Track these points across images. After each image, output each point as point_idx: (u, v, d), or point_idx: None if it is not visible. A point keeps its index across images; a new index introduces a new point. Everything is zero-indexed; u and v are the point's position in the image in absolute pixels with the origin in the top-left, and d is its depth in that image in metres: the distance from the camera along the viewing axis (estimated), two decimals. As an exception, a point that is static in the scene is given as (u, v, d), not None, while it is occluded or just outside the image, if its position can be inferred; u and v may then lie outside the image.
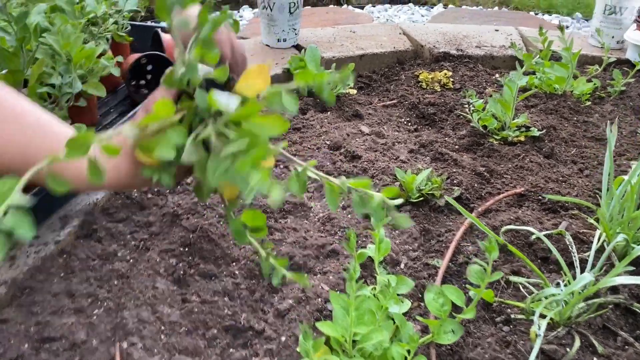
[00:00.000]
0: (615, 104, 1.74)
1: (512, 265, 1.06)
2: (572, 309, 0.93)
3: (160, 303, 0.94)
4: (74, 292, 0.95)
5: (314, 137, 1.42)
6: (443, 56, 1.93)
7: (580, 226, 1.16)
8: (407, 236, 1.13)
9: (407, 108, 1.67)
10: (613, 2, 1.97)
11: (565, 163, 1.43)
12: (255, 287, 0.99)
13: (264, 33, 1.88)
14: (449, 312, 0.89)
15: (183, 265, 1.02)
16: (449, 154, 1.41)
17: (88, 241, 1.07)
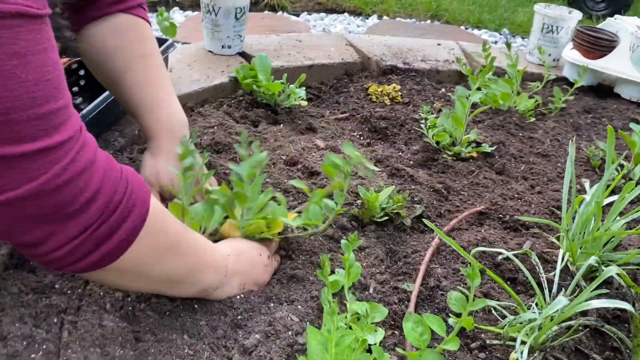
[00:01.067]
0: (557, 121, 1.79)
1: (481, 288, 1.04)
2: (546, 333, 0.91)
3: (111, 343, 0.83)
4: (5, 334, 0.82)
5: (269, 152, 1.35)
6: (390, 69, 1.91)
7: (543, 245, 1.16)
8: (374, 258, 1.08)
9: (359, 121, 1.63)
10: (550, 21, 2.04)
11: (517, 179, 1.44)
12: (216, 322, 0.90)
13: (207, 39, 1.78)
14: (428, 341, 0.85)
15: (131, 299, 0.92)
16: (405, 170, 1.38)
17: (19, 272, 0.93)
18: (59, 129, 0.62)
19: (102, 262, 0.70)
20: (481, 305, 0.83)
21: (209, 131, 1.40)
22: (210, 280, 0.88)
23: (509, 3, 4.17)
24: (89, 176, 0.65)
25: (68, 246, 0.66)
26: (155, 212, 0.75)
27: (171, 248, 0.80)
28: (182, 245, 0.82)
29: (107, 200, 0.67)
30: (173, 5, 3.37)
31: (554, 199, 1.34)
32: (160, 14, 1.72)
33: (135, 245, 0.72)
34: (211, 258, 0.89)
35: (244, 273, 0.95)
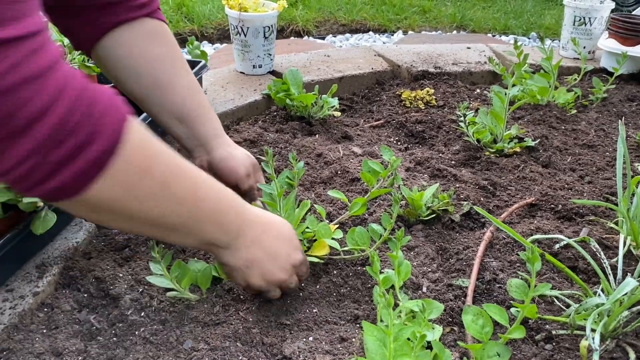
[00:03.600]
0: (600, 111, 1.73)
1: (540, 279, 0.99)
2: (617, 319, 0.86)
3: (164, 354, 0.82)
4: (60, 351, 0.82)
5: (310, 161, 1.34)
6: (422, 74, 1.90)
7: (601, 232, 1.10)
8: (424, 257, 1.05)
9: (395, 127, 1.61)
10: (582, 13, 2.00)
11: (565, 171, 1.39)
12: (268, 329, 0.88)
13: (238, 60, 1.80)
14: (490, 334, 0.80)
15: (181, 307, 0.91)
16: (447, 170, 1.35)
17: (71, 290, 0.94)
18: (14, 22, 0.52)
19: (63, 192, 0.60)
20: (544, 289, 0.78)
21: (246, 145, 1.41)
22: (214, 236, 0.80)
23: (535, 7, 4.12)
24: (37, 87, 0.54)
25: (23, 167, 0.56)
26: (136, 147, 0.63)
27: (156, 191, 0.69)
28: (173, 190, 0.71)
29: (59, 120, 0.56)
30: (202, 39, 3.45)
31: (607, 186, 1.29)
32: (191, 43, 1.76)
33: (104, 181, 0.61)
34: (221, 213, 0.80)
35: (256, 255, 0.85)
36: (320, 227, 1.02)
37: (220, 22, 3.39)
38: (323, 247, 1.02)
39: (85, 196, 0.61)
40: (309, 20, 3.52)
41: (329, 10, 3.67)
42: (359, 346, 0.85)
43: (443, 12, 3.86)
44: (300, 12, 3.54)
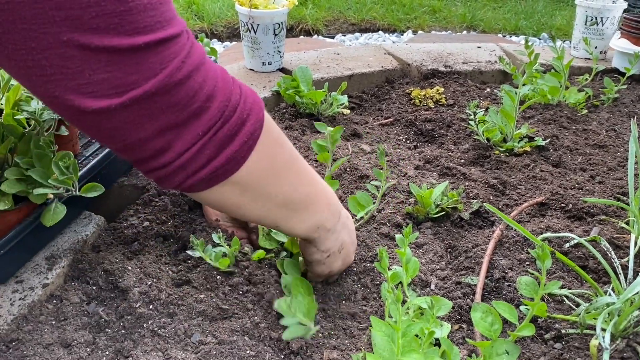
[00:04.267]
0: (611, 112, 1.72)
1: (550, 277, 0.98)
2: (627, 319, 0.85)
3: (172, 347, 0.82)
4: (69, 342, 0.82)
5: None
6: (432, 73, 1.89)
7: (611, 231, 1.09)
8: (433, 254, 1.04)
9: (404, 125, 1.61)
10: (594, 13, 1.98)
11: (575, 171, 1.38)
12: (276, 323, 0.88)
13: (248, 57, 1.80)
14: (499, 331, 0.80)
15: (189, 302, 0.91)
16: (456, 168, 1.34)
17: (80, 283, 0.94)
18: (171, 22, 0.58)
19: (226, 168, 0.65)
20: (554, 287, 0.77)
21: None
22: (324, 217, 0.82)
23: (546, 8, 4.10)
24: (204, 72, 0.61)
25: (190, 151, 0.62)
26: (269, 122, 0.70)
27: (288, 165, 0.75)
28: (297, 165, 0.77)
29: (225, 99, 0.63)
30: (211, 37, 3.46)
31: (617, 186, 1.28)
32: (201, 40, 1.76)
33: (255, 155, 0.67)
34: (328, 194, 0.84)
35: (345, 239, 0.89)
36: None
37: (230, 20, 3.40)
38: None
39: (240, 173, 0.67)
40: (318, 19, 3.51)
41: (339, 9, 3.67)
42: (366, 342, 0.85)
43: (453, 12, 3.85)
44: (309, 11, 3.54)
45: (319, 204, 0.81)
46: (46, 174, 0.90)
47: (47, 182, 0.90)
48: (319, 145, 1.04)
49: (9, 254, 0.88)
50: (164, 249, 1.02)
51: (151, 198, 1.13)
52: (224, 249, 0.97)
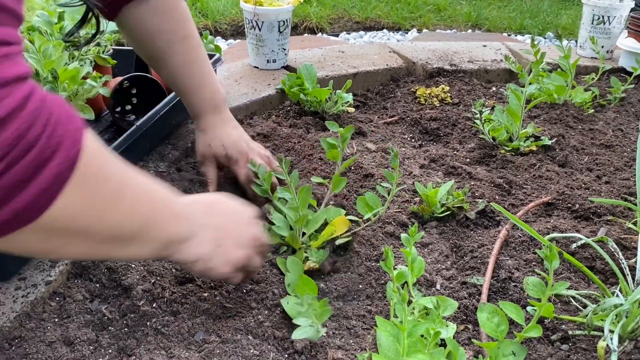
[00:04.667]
0: (617, 111, 1.70)
1: (557, 278, 0.97)
2: (635, 320, 0.84)
3: (175, 345, 0.81)
4: (72, 340, 0.81)
5: (324, 156, 1.33)
6: (437, 72, 1.88)
7: (619, 232, 1.08)
8: (438, 254, 1.04)
9: (409, 124, 1.60)
10: (601, 12, 1.97)
11: (581, 171, 1.37)
12: (280, 322, 0.87)
13: (252, 54, 1.79)
14: (506, 332, 0.79)
15: (194, 300, 0.90)
16: (462, 167, 1.33)
17: (83, 280, 0.94)
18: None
19: (18, 220, 0.52)
20: (562, 288, 0.77)
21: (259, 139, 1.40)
22: (173, 231, 0.72)
23: (551, 7, 4.08)
24: (4, 94, 0.48)
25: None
26: (91, 153, 0.56)
27: (115, 196, 0.62)
28: (129, 192, 0.65)
29: (17, 134, 0.48)
30: (216, 35, 3.45)
31: (625, 186, 1.27)
32: (205, 37, 1.75)
33: (65, 197, 0.54)
34: (171, 205, 0.73)
35: (219, 228, 0.80)
36: (331, 211, 1.05)
37: (234, 17, 3.39)
38: (343, 223, 1.03)
39: (41, 220, 0.53)
40: (322, 17, 3.50)
41: (343, 8, 3.66)
42: (371, 342, 0.85)
43: (458, 11, 3.83)
44: (314, 9, 3.53)
45: (161, 224, 0.71)
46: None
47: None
48: (329, 143, 1.03)
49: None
50: (168, 246, 1.01)
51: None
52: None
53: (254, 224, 0.86)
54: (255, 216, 0.87)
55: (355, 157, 1.12)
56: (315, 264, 0.98)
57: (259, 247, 0.87)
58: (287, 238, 1.02)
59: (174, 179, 1.19)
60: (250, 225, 0.85)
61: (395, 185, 1.02)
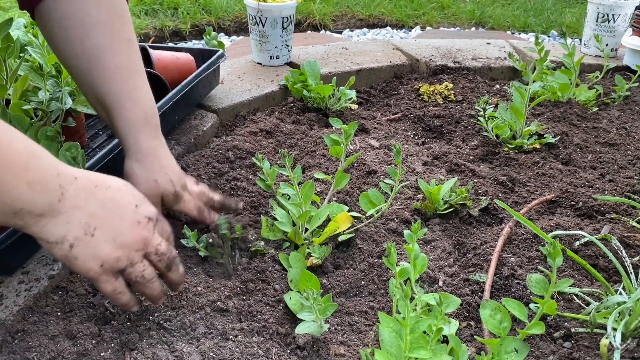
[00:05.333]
0: (622, 109, 1.70)
1: (559, 276, 0.97)
2: (638, 318, 0.84)
3: (178, 341, 0.81)
4: (75, 333, 0.81)
5: (327, 152, 1.33)
6: (441, 69, 1.87)
7: (622, 230, 1.08)
8: (441, 251, 1.04)
9: (412, 121, 1.60)
10: (606, 10, 1.96)
11: (585, 169, 1.37)
12: (282, 319, 0.87)
13: (255, 51, 1.79)
14: (508, 329, 0.79)
15: (198, 301, 0.90)
16: (465, 165, 1.33)
17: (86, 274, 0.94)
18: None
19: None
20: (565, 285, 0.76)
21: (262, 135, 1.40)
22: (23, 198, 0.61)
23: (555, 5, 4.07)
24: None
25: None
26: None
27: None
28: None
29: None
30: (219, 31, 3.45)
31: (628, 184, 1.26)
32: (208, 33, 1.75)
33: None
34: (29, 165, 0.62)
35: (95, 214, 0.68)
36: (333, 207, 1.06)
37: (237, 14, 3.39)
38: (346, 219, 1.03)
39: None
40: (326, 14, 3.50)
41: (347, 5, 3.65)
42: (374, 338, 0.85)
43: (462, 9, 3.82)
44: (317, 6, 3.53)
45: (8, 180, 0.59)
46: (53, 164, 0.89)
47: (54, 172, 0.89)
48: (332, 139, 1.03)
49: (15, 245, 0.87)
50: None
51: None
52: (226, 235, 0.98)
53: (145, 226, 0.73)
54: (152, 217, 0.75)
55: (358, 153, 1.12)
56: (318, 260, 0.98)
57: (152, 255, 0.75)
58: (290, 234, 1.02)
59: None
60: (138, 226, 0.73)
61: (398, 182, 1.02)
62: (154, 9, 3.29)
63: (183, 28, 3.16)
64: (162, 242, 0.77)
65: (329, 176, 1.14)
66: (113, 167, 1.07)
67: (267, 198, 1.15)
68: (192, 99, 1.42)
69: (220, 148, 1.30)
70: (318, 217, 1.03)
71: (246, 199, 1.15)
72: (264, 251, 1.00)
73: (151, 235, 0.75)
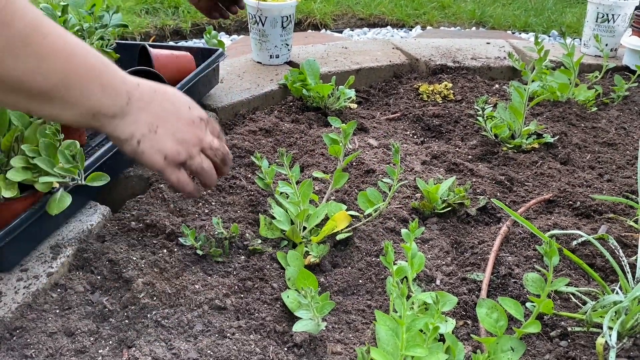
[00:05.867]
0: (621, 109, 1.70)
1: (557, 275, 0.97)
2: (634, 318, 0.84)
3: (175, 338, 0.81)
4: (73, 331, 0.82)
5: (326, 152, 1.33)
6: (440, 69, 1.87)
7: (620, 229, 1.08)
8: (439, 250, 1.04)
9: (412, 121, 1.60)
10: (605, 10, 1.96)
11: (583, 169, 1.37)
12: (280, 317, 0.88)
13: (255, 50, 1.79)
14: (505, 328, 0.79)
15: (198, 298, 0.90)
16: (463, 164, 1.33)
17: (84, 272, 0.94)
18: None
19: None
20: (561, 284, 0.77)
21: (261, 134, 1.40)
22: (99, 101, 0.69)
23: (556, 5, 4.07)
24: None
25: None
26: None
27: (19, 43, 0.59)
28: (39, 41, 0.61)
29: None
30: (219, 30, 3.45)
31: (626, 184, 1.26)
32: (208, 32, 1.75)
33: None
34: (99, 70, 0.69)
35: (157, 115, 0.77)
36: (331, 205, 1.06)
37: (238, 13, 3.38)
38: (344, 218, 1.03)
39: None
40: (326, 13, 3.50)
41: (347, 4, 3.65)
42: (370, 336, 0.85)
43: (462, 8, 3.82)
44: (318, 5, 3.53)
45: (83, 87, 0.67)
46: (52, 162, 0.90)
47: (53, 170, 0.90)
48: (331, 138, 1.04)
49: (14, 242, 0.88)
50: (169, 240, 1.02)
51: (156, 188, 1.13)
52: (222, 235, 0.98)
53: (198, 125, 0.83)
54: (203, 118, 0.84)
55: (357, 152, 1.12)
56: (316, 258, 0.99)
57: (207, 150, 0.84)
58: (288, 232, 1.03)
59: None
60: (193, 125, 0.82)
61: (397, 181, 1.02)
62: (155, 8, 3.29)
63: (184, 27, 3.16)
64: (214, 139, 0.86)
65: (328, 175, 1.14)
66: (112, 165, 1.08)
67: (265, 197, 1.15)
68: (192, 98, 1.42)
69: (219, 147, 1.30)
70: (316, 215, 1.03)
71: (244, 198, 1.15)
72: (262, 249, 1.00)
73: (204, 133, 0.84)
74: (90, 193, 1.07)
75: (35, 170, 0.90)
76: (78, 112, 0.68)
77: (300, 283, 0.88)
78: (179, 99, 0.82)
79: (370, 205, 1.05)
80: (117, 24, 1.41)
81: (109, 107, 0.71)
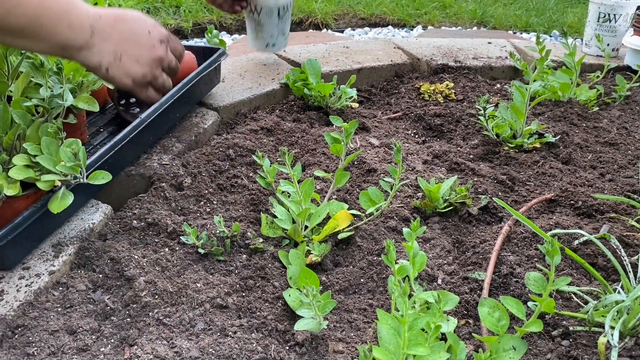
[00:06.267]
0: (622, 109, 1.70)
1: (558, 275, 0.97)
2: (636, 317, 0.84)
3: (177, 336, 0.81)
4: (75, 329, 0.82)
5: (327, 151, 1.33)
6: (442, 68, 1.87)
7: (621, 229, 1.08)
8: (440, 249, 1.04)
9: (413, 120, 1.60)
10: (607, 10, 1.96)
11: (585, 168, 1.37)
12: (282, 317, 0.88)
13: (251, 38, 1.74)
14: (506, 327, 0.79)
15: (203, 297, 0.90)
16: (465, 164, 1.33)
17: (86, 270, 0.94)
18: None
19: None
20: (563, 283, 0.77)
21: (263, 133, 1.40)
22: (65, 36, 0.80)
23: (557, 5, 4.07)
24: None
25: None
26: None
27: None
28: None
29: None
30: (221, 30, 3.45)
31: (628, 184, 1.26)
32: (210, 32, 1.75)
33: None
34: (66, 10, 0.80)
35: (120, 42, 0.87)
36: (333, 205, 1.06)
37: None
38: (345, 217, 1.03)
39: None
40: (327, 13, 3.50)
41: (348, 4, 3.65)
42: (372, 335, 0.85)
43: (464, 8, 3.82)
44: (319, 5, 3.53)
45: (51, 26, 0.78)
46: (54, 160, 0.90)
47: (55, 168, 0.90)
48: (333, 137, 1.04)
49: (16, 240, 0.88)
50: (170, 238, 1.02)
51: (158, 187, 1.13)
52: (224, 233, 0.98)
53: (158, 47, 0.93)
54: (163, 39, 0.94)
55: (358, 152, 1.12)
56: (318, 257, 0.99)
57: (167, 68, 0.96)
58: (290, 231, 1.03)
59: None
60: (153, 48, 0.92)
61: (398, 180, 1.02)
62: (156, 7, 3.29)
63: (185, 26, 3.16)
64: (172, 59, 0.97)
65: (329, 174, 1.14)
66: (114, 164, 1.08)
67: (267, 195, 1.15)
68: (193, 97, 1.42)
69: (221, 146, 1.30)
70: (318, 214, 1.04)
71: (246, 197, 1.15)
72: (264, 248, 1.00)
73: (164, 53, 0.95)
74: (92, 191, 1.07)
75: (37, 168, 0.90)
76: (48, 45, 0.80)
77: (302, 282, 0.89)
78: (139, 25, 0.91)
79: (371, 205, 1.05)
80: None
81: (75, 40, 0.81)
